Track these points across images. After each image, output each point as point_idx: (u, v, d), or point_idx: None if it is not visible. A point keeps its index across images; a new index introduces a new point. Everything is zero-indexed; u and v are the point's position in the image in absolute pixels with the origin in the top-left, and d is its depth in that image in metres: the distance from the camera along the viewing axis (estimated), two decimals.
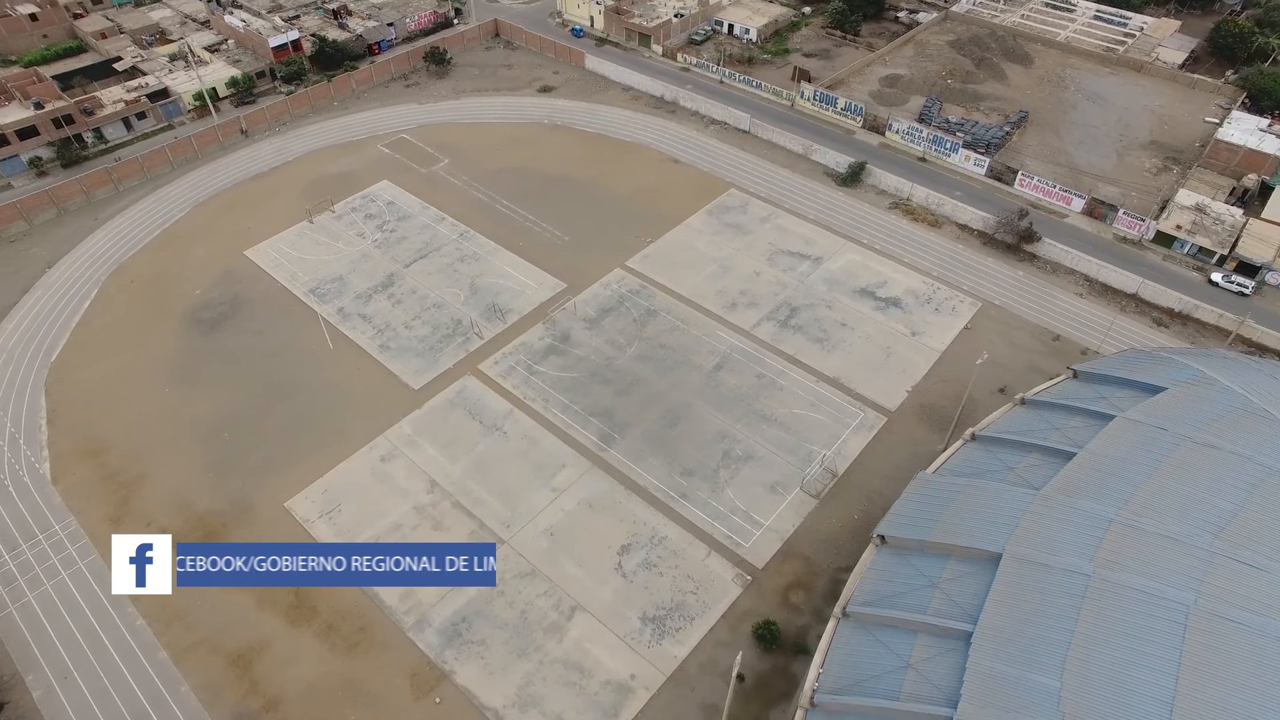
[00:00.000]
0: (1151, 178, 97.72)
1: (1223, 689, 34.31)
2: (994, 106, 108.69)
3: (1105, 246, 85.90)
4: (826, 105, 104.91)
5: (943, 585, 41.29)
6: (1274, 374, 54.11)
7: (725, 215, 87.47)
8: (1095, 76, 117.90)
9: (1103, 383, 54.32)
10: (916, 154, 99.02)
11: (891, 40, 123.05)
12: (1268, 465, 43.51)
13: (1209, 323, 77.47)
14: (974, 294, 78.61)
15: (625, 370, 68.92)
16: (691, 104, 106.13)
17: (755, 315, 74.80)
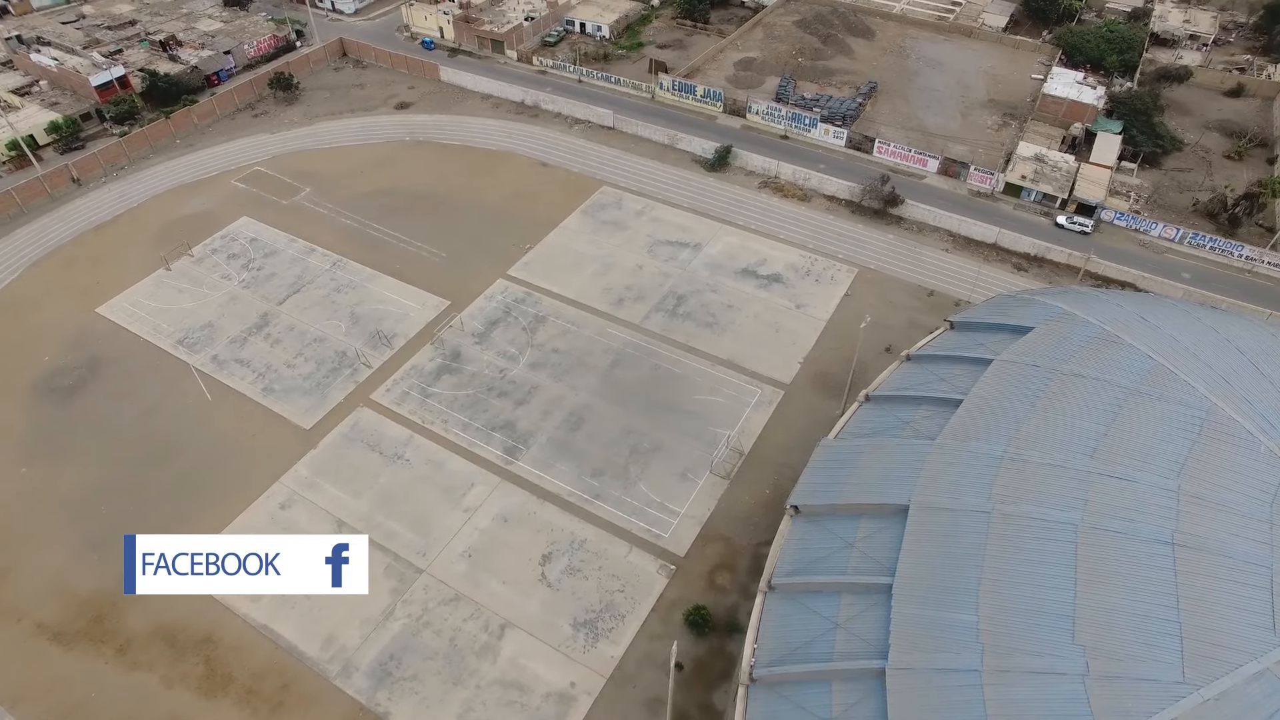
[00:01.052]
0: (994, 134, 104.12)
1: (1113, 593, 36.90)
2: (845, 80, 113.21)
3: (962, 202, 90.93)
4: (686, 94, 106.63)
5: (858, 544, 42.75)
6: (1120, 303, 58.75)
7: (601, 213, 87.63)
8: (932, 44, 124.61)
9: (977, 330, 57.51)
10: (778, 132, 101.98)
11: (740, 25, 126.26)
12: (1125, 386, 47.09)
13: (1061, 262, 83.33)
14: (850, 261, 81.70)
15: (521, 380, 68.10)
16: (553, 106, 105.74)
17: (643, 308, 75.32)
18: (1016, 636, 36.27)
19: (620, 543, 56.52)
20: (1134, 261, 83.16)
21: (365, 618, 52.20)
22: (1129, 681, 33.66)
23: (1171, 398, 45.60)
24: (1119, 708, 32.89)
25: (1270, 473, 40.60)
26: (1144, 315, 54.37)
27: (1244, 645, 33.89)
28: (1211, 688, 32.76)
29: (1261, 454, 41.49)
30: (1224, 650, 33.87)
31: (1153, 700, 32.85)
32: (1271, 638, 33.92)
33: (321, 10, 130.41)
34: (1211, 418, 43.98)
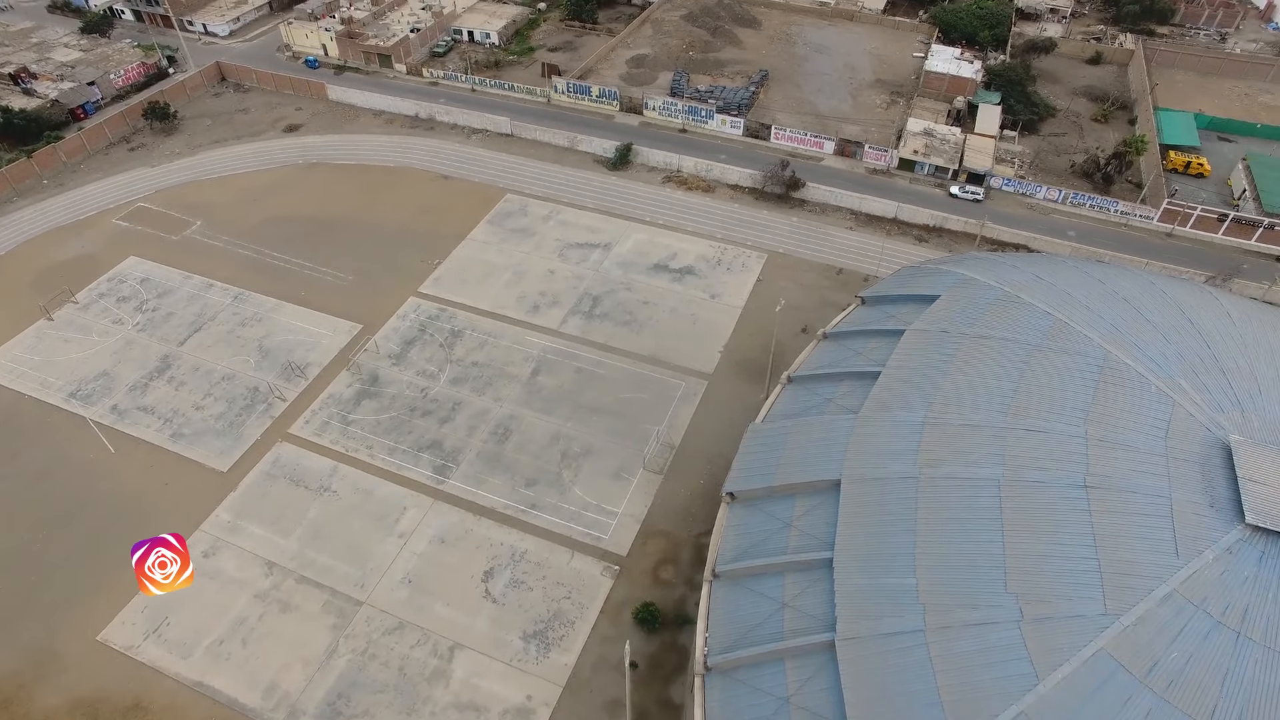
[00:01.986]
0: (883, 112, 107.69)
1: (1037, 540, 38.58)
2: (736, 70, 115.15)
3: (861, 180, 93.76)
4: (581, 95, 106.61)
5: (796, 523, 43.60)
6: (1017, 265, 61.62)
7: (507, 221, 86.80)
8: (817, 29, 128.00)
9: (887, 303, 59.40)
10: (676, 126, 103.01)
11: (629, 23, 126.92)
12: (1029, 343, 49.41)
13: (958, 230, 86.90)
14: (759, 247, 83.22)
15: (443, 397, 66.88)
16: (448, 117, 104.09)
17: (560, 313, 75.00)
18: (954, 593, 37.63)
19: (562, 550, 56.17)
20: (1024, 224, 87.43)
21: (307, 658, 50.41)
22: (1058, 620, 35.35)
23: (1071, 350, 48.06)
24: (1051, 646, 34.51)
25: (1161, 410, 43.21)
26: (1039, 274, 57.16)
27: (1153, 572, 36.00)
28: (1129, 614, 34.71)
29: (1153, 393, 44.13)
30: (1137, 579, 35.91)
31: (1080, 634, 34.60)
32: (1175, 561, 36.12)
33: (193, 34, 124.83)
34: (1108, 365, 46.52)
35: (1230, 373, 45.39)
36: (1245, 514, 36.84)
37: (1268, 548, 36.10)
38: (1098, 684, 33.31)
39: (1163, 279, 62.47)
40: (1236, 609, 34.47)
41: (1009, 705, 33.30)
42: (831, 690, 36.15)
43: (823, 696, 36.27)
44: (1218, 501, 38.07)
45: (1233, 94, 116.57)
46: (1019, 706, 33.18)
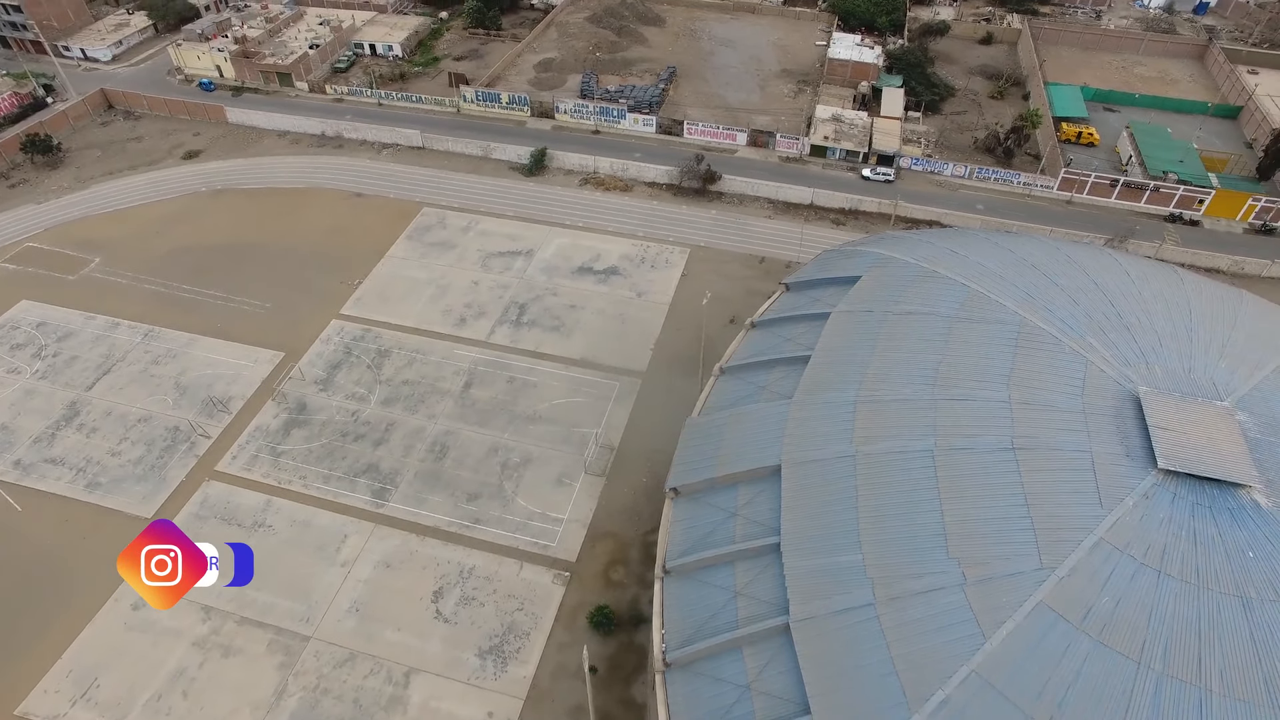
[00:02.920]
0: (791, 101, 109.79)
1: (972, 504, 39.90)
2: (645, 68, 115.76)
3: (775, 169, 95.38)
4: (491, 103, 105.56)
5: (741, 512, 44.08)
6: (931, 240, 63.69)
7: (426, 235, 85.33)
8: (721, 24, 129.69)
9: (811, 287, 60.58)
10: (589, 128, 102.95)
11: (534, 27, 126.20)
12: (949, 315, 51.05)
13: (873, 212, 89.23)
14: (681, 242, 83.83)
15: (375, 419, 65.33)
16: (356, 133, 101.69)
17: (487, 324, 74.14)
18: (899, 564, 38.61)
19: (510, 562, 55.52)
20: (935, 201, 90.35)
21: (256, 702, 48.57)
22: (998, 579, 36.63)
23: (989, 318, 49.83)
24: (994, 605, 35.75)
25: (1076, 369, 45.18)
26: (953, 248, 59.14)
27: (1081, 523, 37.63)
28: (1063, 566, 36.22)
29: (1067, 354, 46.13)
30: (1067, 532, 37.48)
31: (1020, 590, 35.94)
32: (1100, 511, 37.84)
33: (70, 59, 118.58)
34: (1023, 330, 48.40)
35: (1133, 328, 47.77)
36: (1157, 460, 38.85)
37: (1178, 489, 38.13)
38: (1039, 635, 34.66)
39: (1067, 244, 65.37)
40: (1156, 549, 36.32)
41: (960, 665, 34.37)
42: (790, 672, 36.71)
43: (782, 679, 36.79)
44: (1133, 450, 40.03)
45: (1111, 67, 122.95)
46: (969, 666, 34.28)
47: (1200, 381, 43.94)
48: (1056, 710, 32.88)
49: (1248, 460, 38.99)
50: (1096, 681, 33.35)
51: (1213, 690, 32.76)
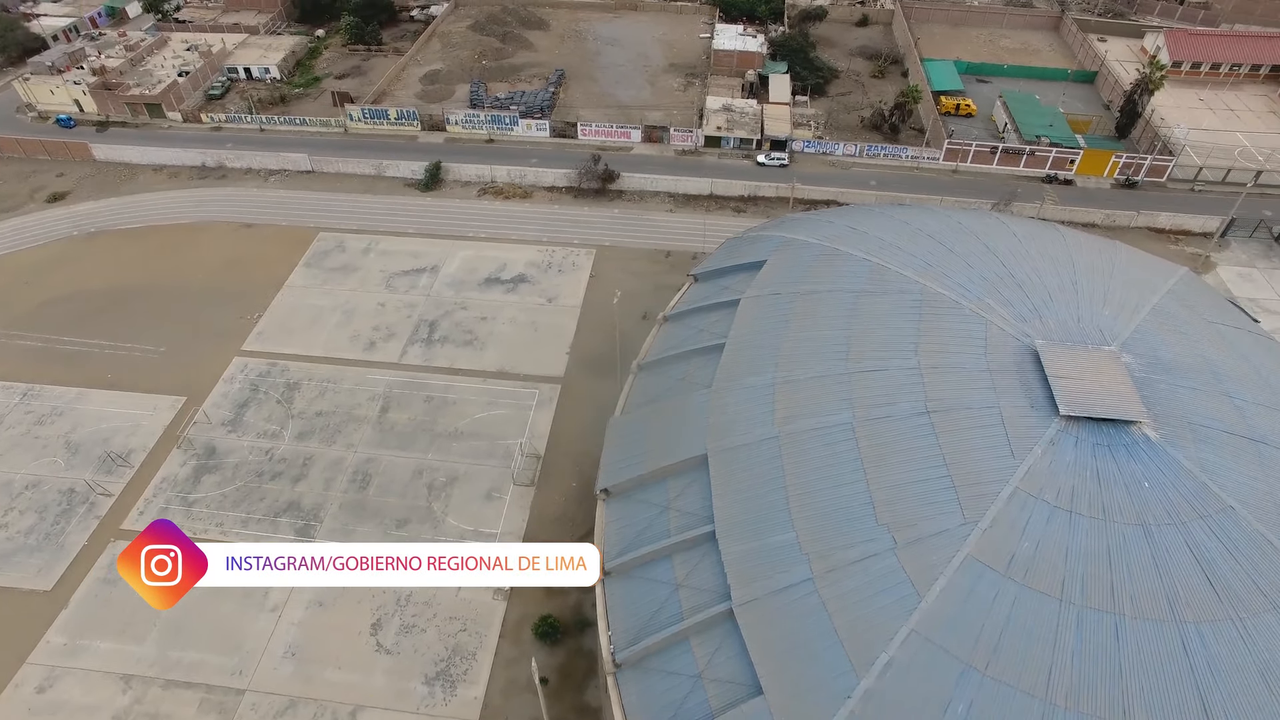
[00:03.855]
0: (682, 94, 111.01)
1: (895, 470, 41.18)
2: (533, 73, 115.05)
3: (672, 163, 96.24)
4: (379, 120, 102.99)
5: (673, 505, 44.33)
6: (830, 219, 65.50)
7: (325, 261, 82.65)
8: (604, 23, 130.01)
9: (718, 276, 61.39)
10: (483, 138, 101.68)
11: (415, 40, 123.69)
12: (854, 290, 52.57)
13: (772, 196, 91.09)
14: (586, 244, 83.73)
15: (291, 455, 62.94)
16: (240, 162, 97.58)
17: (398, 345, 72.41)
18: (832, 537, 39.52)
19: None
20: (830, 180, 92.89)
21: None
22: (927, 539, 37.94)
23: (892, 290, 51.53)
24: (926, 564, 37.02)
25: (977, 330, 47.17)
26: (852, 225, 60.90)
27: (997, 475, 39.33)
28: (985, 519, 37.79)
29: (968, 316, 48.12)
30: (985, 485, 39.12)
31: (948, 547, 37.32)
32: (1013, 461, 39.65)
33: None
34: (925, 298, 50.24)
35: (1025, 286, 50.21)
36: (1059, 407, 40.93)
37: (1080, 432, 40.29)
38: (970, 587, 36.07)
39: (957, 212, 68.28)
40: (1065, 491, 38.28)
41: (900, 626, 35.46)
42: (739, 656, 37.14)
43: (732, 664, 37.19)
44: (1036, 401, 42.06)
45: (979, 41, 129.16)
46: (909, 625, 35.39)
47: (1088, 330, 46.54)
48: (992, 655, 34.31)
49: (1136, 399, 41.52)
50: (1026, 622, 34.96)
51: (1125, 614, 34.82)
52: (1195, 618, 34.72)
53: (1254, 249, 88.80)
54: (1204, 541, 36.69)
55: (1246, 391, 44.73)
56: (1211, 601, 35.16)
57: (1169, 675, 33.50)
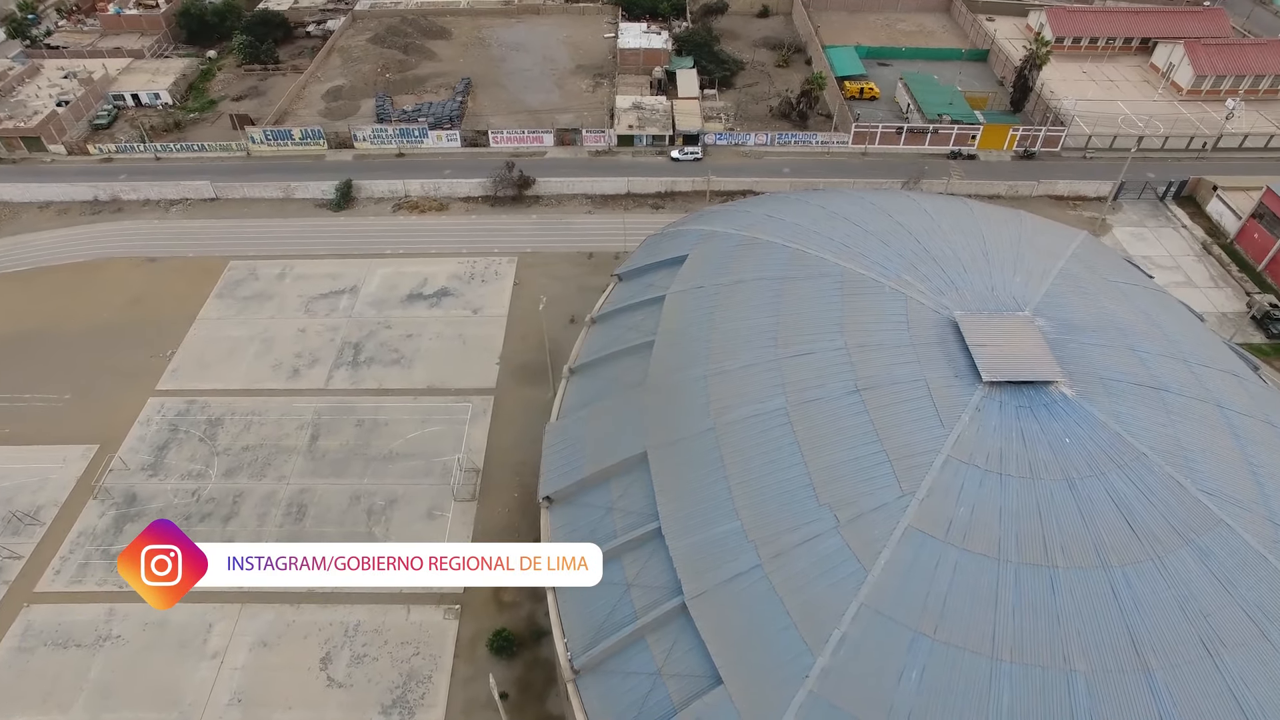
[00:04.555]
0: (591, 95, 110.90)
1: (831, 451, 41.92)
2: (439, 84, 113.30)
3: (587, 165, 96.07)
4: (283, 141, 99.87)
5: (617, 505, 44.30)
6: (747, 209, 66.44)
7: (239, 290, 79.74)
8: (508, 29, 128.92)
9: (642, 274, 61.63)
10: (393, 152, 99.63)
11: (314, 56, 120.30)
12: (776, 277, 53.41)
13: (689, 191, 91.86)
14: (507, 252, 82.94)
15: (220, 493, 60.54)
16: (136, 193, 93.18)
17: (323, 370, 70.40)
18: (776, 522, 40.06)
19: (396, 608, 53.15)
20: (744, 171, 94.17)
21: None
22: (868, 515, 38.81)
23: (813, 273, 52.54)
24: (869, 539, 37.86)
25: (898, 306, 48.47)
26: (769, 213, 61.86)
27: (929, 446, 40.50)
28: (921, 489, 38.87)
29: (888, 294, 49.41)
30: (918, 456, 40.25)
31: (888, 520, 38.26)
32: (942, 431, 40.89)
33: None
34: (846, 279, 51.38)
35: (940, 260, 51.83)
36: (981, 374, 42.39)
37: (1002, 396, 41.81)
38: (913, 557, 37.05)
39: (869, 193, 70.02)
40: (994, 454, 39.68)
41: (849, 602, 36.19)
42: (696, 649, 37.36)
43: (690, 657, 37.39)
44: (959, 370, 43.46)
45: (877, 26, 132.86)
46: (858, 600, 36.15)
47: (1002, 297, 48.34)
48: (940, 620, 35.33)
49: (1051, 359, 43.33)
50: (968, 585, 36.11)
51: (1059, 566, 36.30)
52: (1120, 561, 36.44)
53: (1143, 209, 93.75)
54: (1122, 489, 38.53)
55: (1148, 344, 47.16)
56: (1133, 544, 36.96)
57: (1101, 618, 35.10)
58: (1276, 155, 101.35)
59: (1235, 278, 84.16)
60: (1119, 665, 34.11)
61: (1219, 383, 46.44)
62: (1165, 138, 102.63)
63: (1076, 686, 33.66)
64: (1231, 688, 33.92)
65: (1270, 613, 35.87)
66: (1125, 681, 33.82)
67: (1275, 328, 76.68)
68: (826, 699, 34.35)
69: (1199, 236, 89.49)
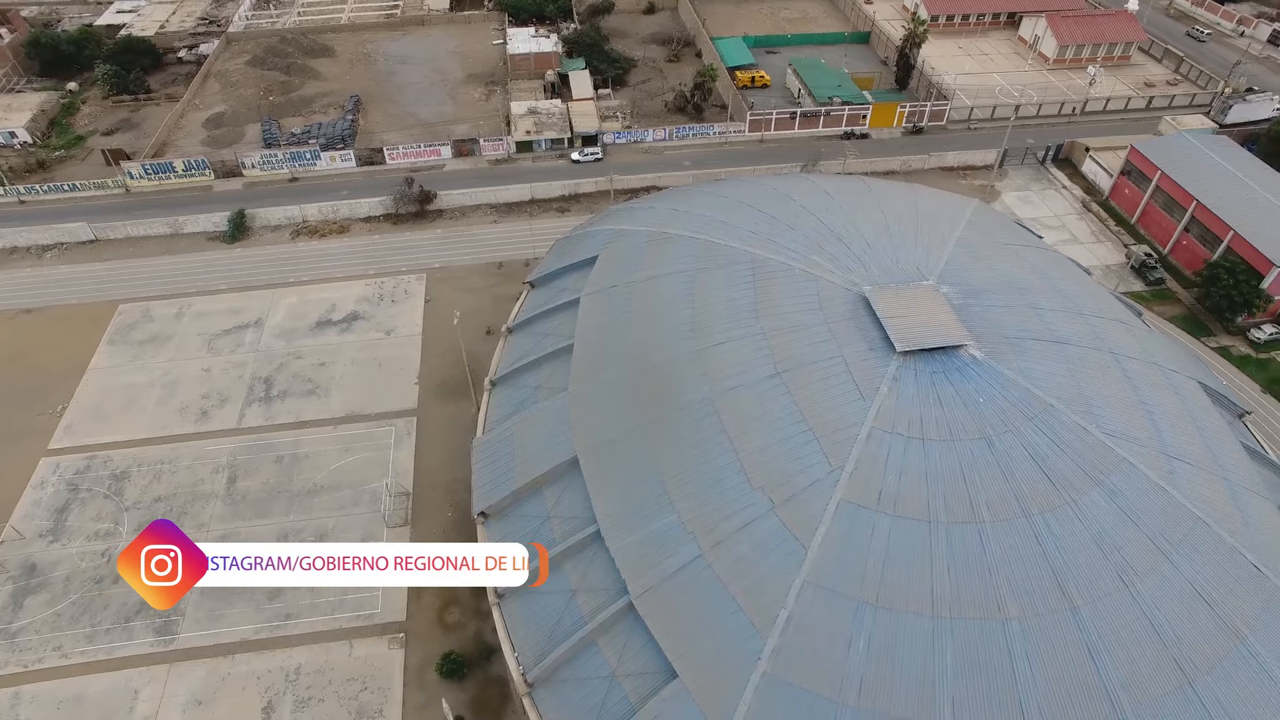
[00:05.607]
0: (485, 104, 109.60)
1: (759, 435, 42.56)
2: (327, 103, 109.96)
3: (488, 174, 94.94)
4: (165, 174, 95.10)
5: (553, 512, 43.93)
6: (653, 205, 66.81)
7: (132, 334, 75.53)
8: (393, 42, 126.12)
9: (554, 279, 61.28)
10: (285, 177, 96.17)
11: (189, 83, 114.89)
12: (688, 269, 53.82)
13: (593, 192, 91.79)
14: (415, 269, 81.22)
15: None
16: (2, 241, 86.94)
17: (234, 409, 67.43)
18: (712, 511, 40.42)
19: (337, 645, 51.43)
20: (646, 168, 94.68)
21: None
22: (801, 494, 39.57)
23: (724, 262, 53.18)
24: (804, 517, 38.63)
25: (809, 287, 49.53)
26: (674, 207, 62.38)
27: (852, 420, 41.57)
28: (849, 462, 39.88)
29: (798, 275, 50.46)
30: (841, 431, 41.26)
31: (821, 496, 39.11)
32: (864, 404, 42.03)
33: None
34: (756, 265, 52.20)
35: (844, 238, 53.25)
36: (895, 345, 43.77)
37: (917, 364, 43.29)
38: (848, 528, 37.99)
39: (770, 179, 71.38)
40: (915, 421, 41.04)
41: (792, 580, 36.86)
42: (648, 646, 37.42)
43: (643, 655, 37.41)
44: (874, 344, 44.76)
45: (762, 15, 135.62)
46: (800, 577, 36.85)
47: (907, 269, 50.02)
48: (880, 587, 36.33)
49: (958, 324, 45.08)
50: (903, 550, 37.24)
51: (985, 521, 37.83)
52: (1040, 509, 38.22)
53: (1027, 174, 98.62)
54: (1036, 440, 40.41)
55: (1044, 300, 49.60)
56: (1050, 492, 38.83)
57: (1028, 565, 36.76)
58: (1136, 116, 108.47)
59: (1113, 231, 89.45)
60: (1048, 606, 35.79)
61: (1111, 331, 49.22)
62: (1039, 105, 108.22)
63: (1012, 632, 35.18)
64: (1146, 612, 36.08)
65: (1171, 539, 38.36)
66: (1055, 621, 35.53)
67: (1151, 275, 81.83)
68: (781, 678, 34.91)
69: (1078, 196, 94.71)
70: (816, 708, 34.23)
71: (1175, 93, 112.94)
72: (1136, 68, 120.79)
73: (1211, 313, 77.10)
